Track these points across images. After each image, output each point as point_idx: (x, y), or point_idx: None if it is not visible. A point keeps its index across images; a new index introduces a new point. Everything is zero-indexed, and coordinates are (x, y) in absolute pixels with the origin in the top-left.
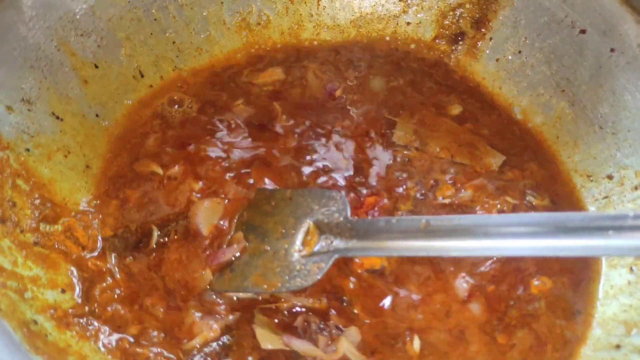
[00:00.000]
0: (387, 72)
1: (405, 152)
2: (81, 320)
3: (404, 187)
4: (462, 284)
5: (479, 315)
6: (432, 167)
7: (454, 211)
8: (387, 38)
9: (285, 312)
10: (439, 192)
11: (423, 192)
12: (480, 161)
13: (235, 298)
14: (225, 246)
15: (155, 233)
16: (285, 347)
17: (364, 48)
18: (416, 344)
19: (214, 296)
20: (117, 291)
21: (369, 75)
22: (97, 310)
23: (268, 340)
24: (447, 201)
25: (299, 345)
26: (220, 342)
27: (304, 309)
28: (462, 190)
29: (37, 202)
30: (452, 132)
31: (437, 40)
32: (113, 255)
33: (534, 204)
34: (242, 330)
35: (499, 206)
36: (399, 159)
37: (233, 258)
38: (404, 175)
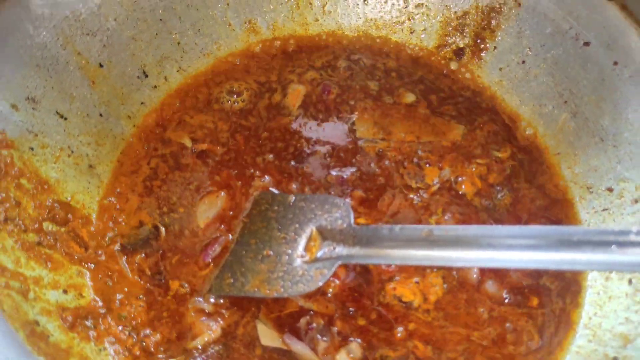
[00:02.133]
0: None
1: (374, 144)
2: (86, 322)
3: (399, 176)
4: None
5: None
6: (404, 151)
7: (449, 193)
8: (391, 45)
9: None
10: (428, 179)
11: (415, 175)
12: (444, 136)
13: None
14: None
15: (162, 229)
16: (284, 347)
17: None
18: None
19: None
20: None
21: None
22: (102, 310)
23: (268, 337)
24: (438, 185)
25: (299, 347)
26: (221, 345)
27: (312, 312)
28: (444, 169)
29: (41, 201)
30: (409, 117)
31: (441, 49)
32: (121, 253)
33: (500, 157)
34: (244, 330)
35: (474, 169)
36: (374, 153)
37: (228, 256)
38: (392, 164)
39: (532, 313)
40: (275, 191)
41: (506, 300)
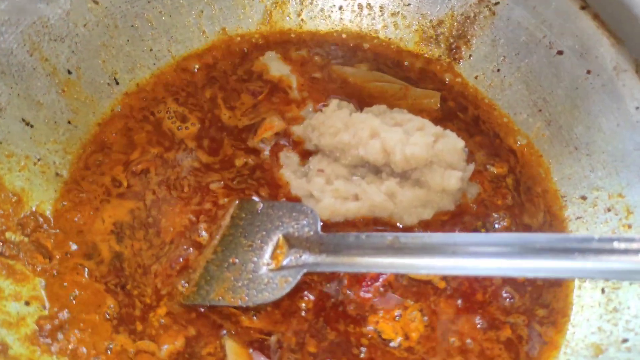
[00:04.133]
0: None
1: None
2: (47, 335)
3: None
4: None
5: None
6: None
7: None
8: (366, 46)
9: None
10: None
11: None
12: (419, 105)
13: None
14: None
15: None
16: None
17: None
18: None
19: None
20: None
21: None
22: (66, 323)
23: (236, 354)
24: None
25: None
26: (186, 355)
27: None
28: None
29: (4, 210)
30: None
31: (417, 55)
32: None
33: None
34: (209, 345)
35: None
36: None
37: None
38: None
39: (507, 340)
40: (256, 199)
41: (480, 328)
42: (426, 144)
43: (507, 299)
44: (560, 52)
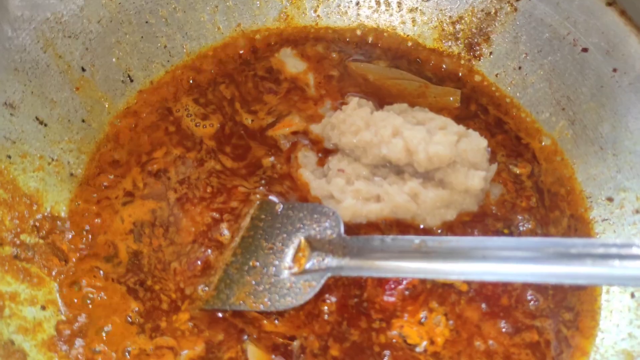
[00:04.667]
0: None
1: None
2: (66, 340)
3: None
4: None
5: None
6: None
7: None
8: (384, 43)
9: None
10: None
11: None
12: (440, 103)
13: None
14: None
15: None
16: None
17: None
18: None
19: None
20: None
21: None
22: (85, 328)
23: (257, 359)
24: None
25: None
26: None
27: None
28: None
29: (18, 212)
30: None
31: (436, 52)
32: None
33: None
34: (231, 350)
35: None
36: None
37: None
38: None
39: (533, 344)
40: (275, 199)
41: (505, 332)
42: (449, 143)
43: (532, 302)
44: (585, 50)
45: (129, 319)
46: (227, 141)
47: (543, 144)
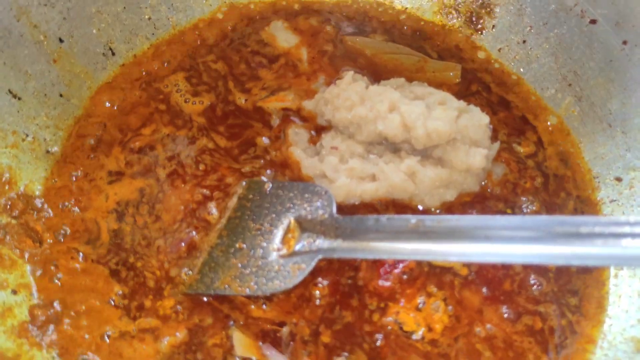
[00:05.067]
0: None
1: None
2: (38, 327)
3: None
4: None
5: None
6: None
7: None
8: (380, 15)
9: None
10: None
11: None
12: (439, 78)
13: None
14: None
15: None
16: (261, 359)
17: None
18: None
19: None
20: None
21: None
22: (60, 313)
23: (244, 347)
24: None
25: None
26: (192, 345)
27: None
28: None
29: None
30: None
31: (436, 25)
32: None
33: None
34: (215, 337)
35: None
36: None
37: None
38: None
39: (536, 331)
40: (264, 178)
41: (507, 318)
42: (449, 118)
43: (535, 286)
44: (593, 21)
45: (112, 302)
46: (217, 118)
47: (548, 122)
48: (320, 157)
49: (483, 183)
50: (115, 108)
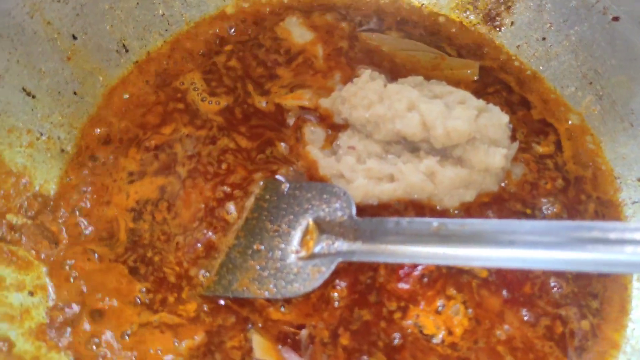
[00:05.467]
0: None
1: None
2: (54, 329)
3: None
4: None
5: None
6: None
7: None
8: (397, 11)
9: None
10: None
11: None
12: (456, 76)
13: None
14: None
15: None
16: None
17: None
18: None
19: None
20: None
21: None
22: (78, 314)
23: (263, 349)
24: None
25: None
26: (212, 347)
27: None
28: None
29: (4, 190)
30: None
31: (453, 21)
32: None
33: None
34: (234, 339)
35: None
36: None
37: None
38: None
39: (556, 335)
40: (281, 178)
41: (527, 321)
42: (469, 118)
43: (555, 289)
44: (615, 19)
45: (137, 300)
46: (236, 119)
47: (569, 121)
48: (337, 156)
49: (503, 184)
50: (131, 106)
